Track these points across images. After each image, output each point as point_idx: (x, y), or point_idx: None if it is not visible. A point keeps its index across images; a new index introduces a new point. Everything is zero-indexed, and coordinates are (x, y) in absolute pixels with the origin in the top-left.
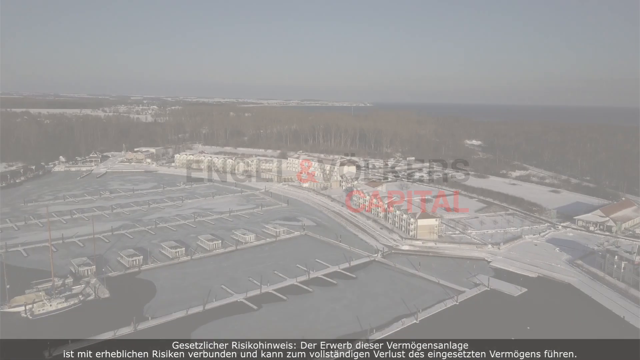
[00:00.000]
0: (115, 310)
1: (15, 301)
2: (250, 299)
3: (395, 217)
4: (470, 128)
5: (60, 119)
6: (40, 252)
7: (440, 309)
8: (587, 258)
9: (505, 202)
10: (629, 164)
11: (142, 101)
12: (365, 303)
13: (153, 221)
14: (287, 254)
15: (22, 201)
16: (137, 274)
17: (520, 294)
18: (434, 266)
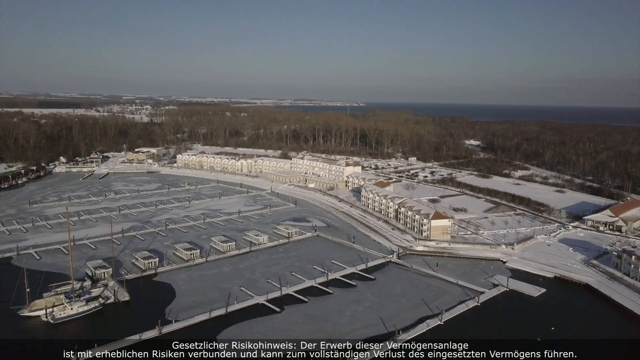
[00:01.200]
0: (137, 314)
1: (36, 305)
2: (271, 301)
3: (407, 218)
4: (467, 128)
5: (58, 119)
6: (52, 254)
7: (462, 310)
8: (601, 258)
9: (513, 202)
10: (631, 164)
11: (135, 101)
12: (387, 304)
13: (162, 222)
14: (301, 255)
15: (26, 203)
16: (153, 276)
17: (539, 294)
18: (450, 267)
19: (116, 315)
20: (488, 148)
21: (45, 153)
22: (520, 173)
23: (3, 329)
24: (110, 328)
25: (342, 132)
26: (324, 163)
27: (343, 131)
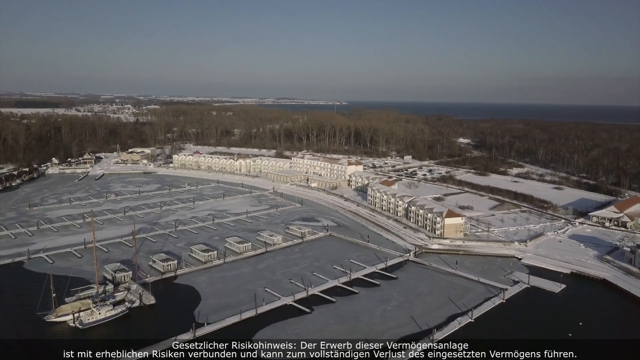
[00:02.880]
0: (165, 317)
1: (62, 310)
2: (298, 301)
3: (418, 216)
4: (455, 126)
5: (46, 119)
6: (63, 258)
7: (490, 307)
8: (613, 253)
9: (516, 200)
10: (623, 161)
11: (115, 100)
12: (415, 303)
13: (170, 224)
14: (318, 255)
15: (25, 205)
16: (174, 278)
17: (560, 290)
18: (468, 264)
19: (144, 319)
20: (480, 146)
21: (36, 154)
22: (516, 170)
23: (29, 333)
24: (141, 331)
25: (336, 131)
26: (325, 162)
27: (337, 130)
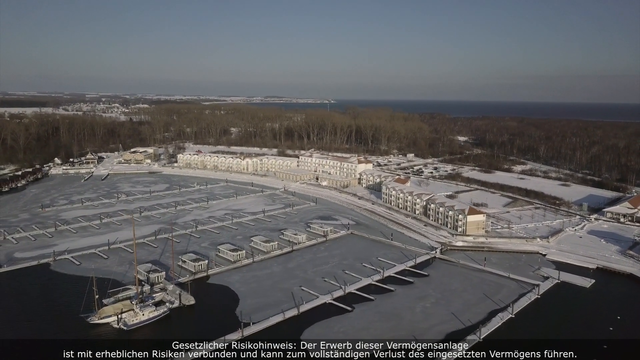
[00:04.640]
0: (206, 316)
1: (104, 312)
2: (337, 300)
3: (438, 214)
4: (449, 124)
5: (45, 119)
6: (89, 259)
7: (527, 302)
8: (635, 248)
9: (528, 197)
10: (624, 157)
11: (101, 99)
12: (452, 300)
13: (189, 224)
14: (345, 254)
15: (37, 207)
16: (206, 278)
17: (590, 285)
18: (495, 261)
19: (186, 319)
20: (480, 143)
21: (37, 154)
22: (520, 168)
23: (74, 334)
24: (186, 331)
25: (337, 129)
26: (335, 161)
27: (338, 128)
